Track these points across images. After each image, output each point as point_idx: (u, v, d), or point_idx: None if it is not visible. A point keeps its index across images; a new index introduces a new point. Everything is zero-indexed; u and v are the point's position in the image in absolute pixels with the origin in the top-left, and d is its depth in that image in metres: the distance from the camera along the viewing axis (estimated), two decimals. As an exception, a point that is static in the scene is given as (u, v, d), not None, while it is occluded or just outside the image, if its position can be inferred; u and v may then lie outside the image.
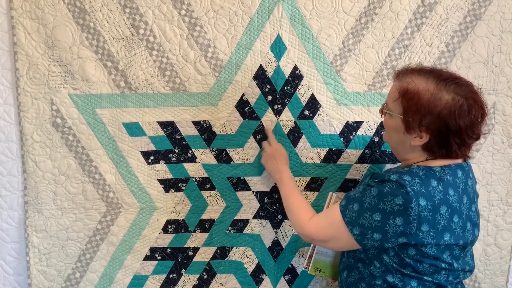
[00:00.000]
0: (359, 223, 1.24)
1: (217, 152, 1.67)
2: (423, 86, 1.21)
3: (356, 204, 1.26)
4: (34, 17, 1.56)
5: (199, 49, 1.60)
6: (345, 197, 1.34)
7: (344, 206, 1.30)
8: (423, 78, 1.23)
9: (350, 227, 1.26)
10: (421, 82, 1.22)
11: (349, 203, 1.29)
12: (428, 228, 1.18)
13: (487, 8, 1.63)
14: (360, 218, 1.24)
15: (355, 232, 1.25)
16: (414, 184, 1.18)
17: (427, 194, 1.18)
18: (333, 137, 1.67)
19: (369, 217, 1.22)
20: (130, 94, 1.62)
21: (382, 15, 1.61)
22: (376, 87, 1.65)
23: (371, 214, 1.22)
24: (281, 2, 1.58)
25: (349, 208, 1.27)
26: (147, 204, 1.69)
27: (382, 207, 1.20)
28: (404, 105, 1.23)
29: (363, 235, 1.24)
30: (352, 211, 1.26)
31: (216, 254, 1.73)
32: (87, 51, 1.58)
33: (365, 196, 1.24)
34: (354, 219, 1.25)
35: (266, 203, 1.71)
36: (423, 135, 1.22)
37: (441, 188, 1.20)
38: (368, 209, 1.23)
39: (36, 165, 1.64)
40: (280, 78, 1.63)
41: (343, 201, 1.32)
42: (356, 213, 1.25)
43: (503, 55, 1.66)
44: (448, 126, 1.19)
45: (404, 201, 1.17)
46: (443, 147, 1.23)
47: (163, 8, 1.57)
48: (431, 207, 1.17)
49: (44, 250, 1.69)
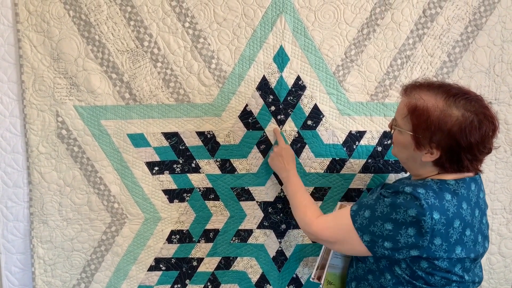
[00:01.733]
0: (369, 230, 1.23)
1: (221, 163, 1.68)
2: (432, 103, 1.20)
3: (367, 211, 1.25)
4: (40, 30, 1.58)
5: (203, 61, 1.62)
6: (357, 202, 1.32)
7: (355, 212, 1.28)
8: (432, 94, 1.22)
9: (360, 233, 1.25)
10: (430, 99, 1.21)
11: (360, 209, 1.27)
12: (440, 242, 1.18)
13: (488, 18, 1.64)
14: (371, 225, 1.23)
15: (365, 239, 1.24)
16: (428, 197, 1.17)
17: (441, 207, 1.17)
18: (336, 146, 1.68)
19: (381, 226, 1.21)
20: (134, 105, 1.63)
21: (384, 26, 1.62)
22: (378, 97, 1.66)
23: (382, 223, 1.21)
24: (284, 14, 1.60)
25: (360, 214, 1.26)
26: (152, 215, 1.70)
27: (395, 217, 1.19)
28: (414, 122, 1.22)
29: (374, 242, 1.23)
30: (363, 217, 1.25)
31: (220, 264, 1.73)
32: (92, 64, 1.60)
33: (378, 204, 1.23)
34: (365, 226, 1.24)
35: (270, 213, 1.71)
36: (434, 151, 1.21)
37: (455, 201, 1.19)
38: (379, 217, 1.22)
39: (41, 177, 1.65)
40: (283, 88, 1.64)
41: (354, 206, 1.31)
42: (367, 220, 1.24)
43: (504, 64, 1.67)
44: (459, 143, 1.18)
45: (418, 213, 1.16)
46: (454, 163, 1.22)
47: (167, 20, 1.59)
48: (445, 221, 1.17)
49: (49, 261, 1.70)
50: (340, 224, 1.31)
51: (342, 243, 1.31)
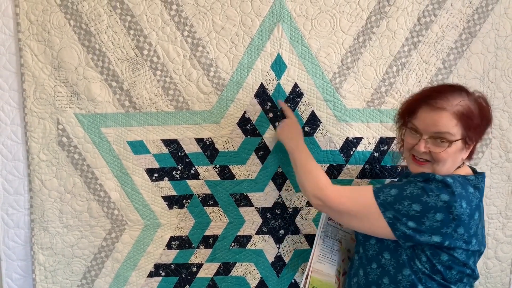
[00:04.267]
0: (394, 207, 1.23)
1: (220, 169, 1.70)
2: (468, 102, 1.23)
3: (394, 189, 1.25)
4: (40, 39, 1.60)
5: (202, 69, 1.64)
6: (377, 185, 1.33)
7: (378, 188, 1.28)
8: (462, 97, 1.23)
9: (382, 209, 1.24)
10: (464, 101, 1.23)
11: (385, 187, 1.28)
12: (463, 231, 1.21)
13: (482, 26, 1.67)
14: (396, 203, 1.23)
15: (388, 215, 1.24)
16: (456, 187, 1.20)
17: (467, 198, 1.21)
18: (333, 153, 1.70)
19: (408, 206, 1.21)
20: (134, 113, 1.65)
21: (380, 34, 1.65)
22: (374, 104, 1.68)
23: (410, 203, 1.21)
24: (281, 23, 1.63)
25: (385, 191, 1.26)
26: (151, 221, 1.71)
27: (425, 200, 1.20)
28: (465, 126, 1.22)
29: (397, 219, 1.23)
30: (387, 194, 1.25)
31: (219, 270, 1.74)
32: (93, 72, 1.63)
33: (407, 186, 1.24)
34: (389, 203, 1.24)
35: (268, 219, 1.73)
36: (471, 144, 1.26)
37: (477, 195, 1.24)
38: (408, 197, 1.22)
39: (42, 184, 1.67)
40: (281, 95, 1.66)
41: (378, 185, 1.31)
42: (392, 197, 1.24)
43: (498, 71, 1.70)
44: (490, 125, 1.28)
45: (450, 199, 1.18)
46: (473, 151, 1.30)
47: (167, 29, 1.62)
48: (469, 211, 1.20)
49: (50, 267, 1.71)
50: (360, 196, 1.29)
51: (359, 216, 1.29)
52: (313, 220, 1.73)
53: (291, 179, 1.70)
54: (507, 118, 1.73)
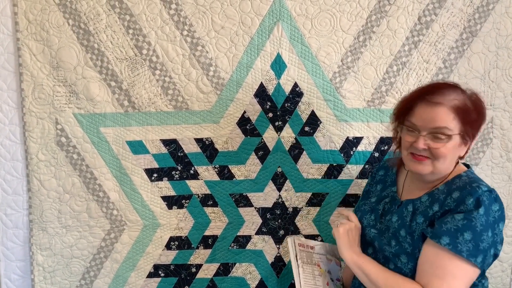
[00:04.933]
0: (480, 249, 1.14)
1: (219, 169, 1.69)
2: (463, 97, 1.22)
3: (466, 233, 1.14)
4: (39, 39, 1.59)
5: (201, 68, 1.64)
6: (440, 235, 1.16)
7: (452, 243, 1.15)
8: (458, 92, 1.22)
9: (473, 259, 1.14)
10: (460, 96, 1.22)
11: (456, 237, 1.15)
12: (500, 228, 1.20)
13: (483, 25, 1.66)
14: (479, 244, 1.14)
15: (478, 260, 1.14)
16: (488, 187, 1.20)
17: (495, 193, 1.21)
18: (333, 152, 1.69)
19: (486, 237, 1.14)
20: (133, 113, 1.65)
21: (380, 33, 1.64)
22: (375, 103, 1.67)
23: (487, 234, 1.15)
24: (281, 22, 1.62)
25: (460, 242, 1.14)
26: (151, 221, 1.70)
27: (490, 220, 1.16)
28: (462, 120, 1.20)
29: (485, 257, 1.15)
30: (465, 242, 1.14)
31: (219, 271, 1.74)
32: (92, 72, 1.62)
33: (474, 220, 1.14)
34: (473, 249, 1.14)
35: (268, 219, 1.72)
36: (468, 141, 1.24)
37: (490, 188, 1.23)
38: (482, 230, 1.14)
39: (41, 184, 1.66)
40: (281, 95, 1.66)
41: (444, 240, 1.15)
42: (471, 242, 1.14)
43: (499, 70, 1.69)
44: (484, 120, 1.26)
45: (500, 205, 1.19)
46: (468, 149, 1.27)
47: (166, 29, 1.61)
48: None
49: (49, 268, 1.71)
50: (449, 270, 1.16)
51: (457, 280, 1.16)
52: (313, 220, 1.72)
53: (291, 179, 1.70)
54: (508, 117, 1.72)
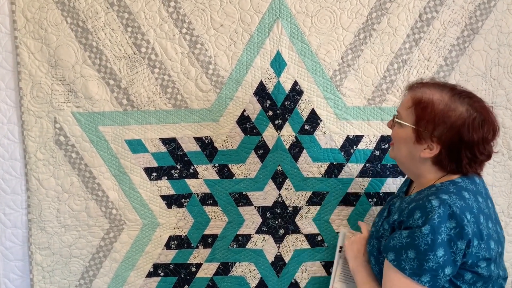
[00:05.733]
0: (424, 269, 1.12)
1: (219, 168, 1.68)
2: (437, 97, 1.20)
3: (410, 251, 1.14)
4: (37, 37, 1.58)
5: (200, 66, 1.63)
6: (387, 250, 1.19)
7: (396, 260, 1.16)
8: (437, 90, 1.23)
9: (416, 278, 1.13)
10: (435, 93, 1.21)
11: (400, 254, 1.15)
12: (477, 241, 1.14)
13: (484, 22, 1.65)
14: (423, 263, 1.12)
15: (424, 280, 1.12)
16: (455, 201, 1.13)
17: (468, 207, 1.14)
18: (334, 151, 1.68)
19: (434, 257, 1.11)
20: (132, 111, 1.64)
21: (381, 31, 1.63)
22: (375, 102, 1.66)
23: (434, 253, 1.11)
24: (281, 19, 1.61)
25: (404, 259, 1.14)
26: (150, 221, 1.70)
27: (442, 239, 1.11)
28: (418, 114, 1.21)
29: (435, 277, 1.12)
30: (409, 260, 1.14)
31: (219, 270, 1.73)
32: (90, 70, 1.61)
33: (417, 239, 1.12)
34: (417, 267, 1.13)
35: (268, 218, 1.71)
36: (434, 146, 1.20)
37: (473, 197, 1.17)
38: (428, 250, 1.12)
39: (39, 183, 1.65)
40: (281, 93, 1.65)
41: (390, 255, 1.17)
42: (415, 260, 1.13)
43: (501, 68, 1.68)
44: (462, 137, 1.17)
45: (457, 223, 1.11)
46: (454, 160, 1.20)
47: (165, 27, 1.60)
48: (474, 219, 1.14)
49: (48, 267, 1.70)
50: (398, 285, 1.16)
51: None
52: (313, 219, 1.71)
53: (291, 178, 1.69)
54: (510, 116, 1.71)
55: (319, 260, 1.73)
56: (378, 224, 1.35)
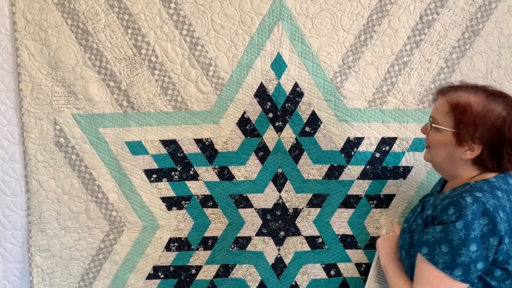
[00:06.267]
0: (457, 263, 1.15)
1: (219, 170, 1.68)
2: (473, 99, 1.23)
3: (443, 246, 1.17)
4: (37, 38, 1.58)
5: (201, 68, 1.62)
6: (420, 244, 1.23)
7: (429, 254, 1.19)
8: (471, 92, 1.25)
9: (448, 271, 1.16)
10: (470, 95, 1.24)
11: (433, 249, 1.19)
12: (509, 239, 1.16)
13: (485, 24, 1.65)
14: (456, 257, 1.15)
15: (457, 274, 1.15)
16: (489, 199, 1.16)
17: (500, 205, 1.17)
18: (334, 153, 1.68)
19: (466, 251, 1.14)
20: (132, 113, 1.63)
21: (381, 33, 1.62)
22: (376, 103, 1.66)
23: (467, 248, 1.14)
24: (281, 21, 1.60)
25: (437, 253, 1.18)
26: (150, 223, 1.69)
27: (475, 235, 1.14)
28: (457, 118, 1.23)
29: (467, 271, 1.15)
30: (442, 254, 1.17)
31: (219, 272, 1.72)
32: (90, 72, 1.61)
33: (450, 234, 1.16)
34: (450, 261, 1.16)
35: (268, 220, 1.71)
36: (475, 147, 1.22)
37: (505, 197, 1.20)
38: (461, 244, 1.15)
39: (39, 185, 1.65)
40: (281, 95, 1.64)
41: (424, 250, 1.21)
42: (448, 255, 1.16)
43: (502, 70, 1.67)
44: (503, 136, 1.20)
45: (490, 220, 1.14)
46: (495, 159, 1.23)
47: (165, 28, 1.59)
48: (506, 217, 1.17)
49: (48, 269, 1.69)
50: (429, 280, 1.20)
51: None
52: (313, 221, 1.71)
53: (292, 180, 1.68)
54: None
55: (320, 263, 1.72)
56: (411, 219, 1.37)
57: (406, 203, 1.70)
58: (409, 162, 1.68)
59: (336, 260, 1.72)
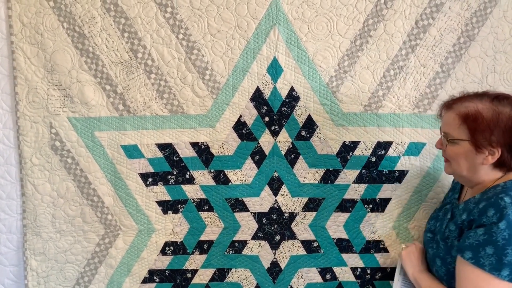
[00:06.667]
0: (504, 263, 1.16)
1: (215, 174, 1.68)
2: (481, 106, 1.26)
3: (488, 247, 1.18)
4: (33, 42, 1.58)
5: (197, 72, 1.62)
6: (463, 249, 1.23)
7: (474, 258, 1.20)
8: (476, 100, 1.29)
9: (496, 272, 1.17)
10: (477, 103, 1.28)
11: (477, 252, 1.20)
12: None
13: (480, 29, 1.65)
14: (502, 257, 1.16)
15: (504, 274, 1.16)
16: None
17: None
18: (330, 157, 1.68)
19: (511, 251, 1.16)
20: (128, 116, 1.63)
21: (377, 37, 1.63)
22: (372, 108, 1.66)
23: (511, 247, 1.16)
24: (277, 26, 1.61)
25: (482, 256, 1.19)
26: (146, 226, 1.69)
27: None
28: (471, 127, 1.26)
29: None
30: (487, 256, 1.18)
31: (214, 276, 1.72)
32: (86, 75, 1.61)
33: (494, 235, 1.17)
34: (496, 262, 1.17)
35: (264, 224, 1.71)
36: (495, 151, 1.25)
37: None
38: (506, 244, 1.16)
39: (35, 188, 1.64)
40: (277, 99, 1.65)
41: (467, 254, 1.21)
42: (494, 256, 1.17)
43: (497, 75, 1.68)
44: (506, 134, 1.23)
45: None
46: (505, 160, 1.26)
47: (161, 32, 1.60)
48: None
49: (43, 273, 1.69)
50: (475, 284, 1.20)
51: None
52: (309, 225, 1.71)
53: (287, 183, 1.68)
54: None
55: (315, 267, 1.72)
56: (442, 227, 1.39)
57: (402, 207, 1.71)
58: (405, 166, 1.69)
59: (332, 264, 1.72)
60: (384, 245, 1.72)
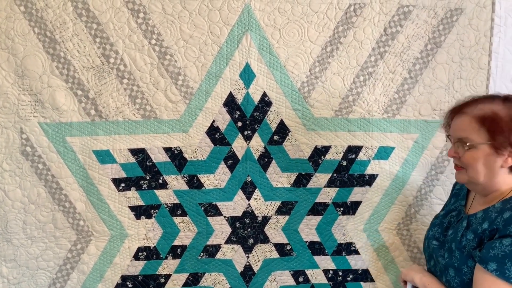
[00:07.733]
0: None
1: (188, 178, 1.68)
2: (496, 107, 1.22)
3: None
4: (4, 47, 1.57)
5: (170, 77, 1.63)
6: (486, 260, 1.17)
7: (499, 270, 1.14)
8: (488, 102, 1.25)
9: None
10: (490, 104, 1.23)
11: (503, 263, 1.14)
12: None
13: (447, 36, 1.70)
14: None
15: None
16: None
17: None
18: (302, 161, 1.70)
19: None
20: (100, 122, 1.63)
21: (347, 44, 1.66)
22: (342, 113, 1.69)
23: None
24: (249, 32, 1.63)
25: (508, 267, 1.13)
26: (118, 232, 1.68)
27: None
28: (489, 129, 1.21)
29: None
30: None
31: (188, 281, 1.72)
32: (58, 80, 1.60)
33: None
34: None
35: (237, 228, 1.72)
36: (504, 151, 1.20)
37: None
38: None
39: (5, 194, 1.63)
40: (250, 104, 1.66)
41: (492, 266, 1.15)
42: None
43: (463, 80, 1.73)
44: None
45: None
46: None
47: (134, 37, 1.60)
48: None
49: (14, 280, 1.67)
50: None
51: None
52: (282, 229, 1.73)
53: (260, 188, 1.70)
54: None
55: (288, 269, 1.74)
56: (458, 235, 1.30)
57: (372, 210, 1.74)
58: (375, 170, 1.72)
59: (304, 267, 1.75)
60: (355, 247, 1.75)
